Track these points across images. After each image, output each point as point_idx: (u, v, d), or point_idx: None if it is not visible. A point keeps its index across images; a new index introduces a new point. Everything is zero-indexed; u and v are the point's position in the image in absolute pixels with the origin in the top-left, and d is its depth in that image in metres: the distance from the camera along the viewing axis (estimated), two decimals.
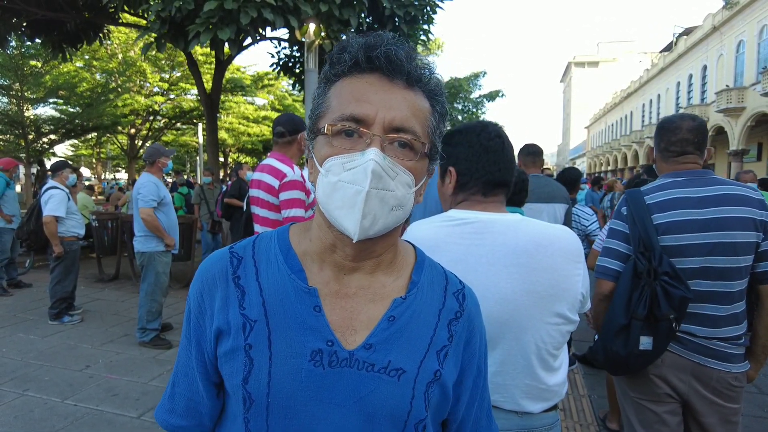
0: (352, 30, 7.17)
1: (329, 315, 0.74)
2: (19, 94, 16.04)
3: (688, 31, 34.34)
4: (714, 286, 1.78)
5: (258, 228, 3.10)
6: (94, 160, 35.81)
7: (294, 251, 0.79)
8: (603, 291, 1.92)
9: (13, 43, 11.19)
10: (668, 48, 39.46)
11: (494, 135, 1.33)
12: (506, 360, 1.23)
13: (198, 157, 20.07)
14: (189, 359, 0.81)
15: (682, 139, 1.89)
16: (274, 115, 23.71)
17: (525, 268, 1.20)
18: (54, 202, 5.23)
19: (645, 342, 1.76)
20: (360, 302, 0.77)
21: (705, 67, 30.53)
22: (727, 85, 25.94)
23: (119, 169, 38.65)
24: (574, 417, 3.51)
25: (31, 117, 17.57)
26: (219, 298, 0.77)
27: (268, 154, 3.25)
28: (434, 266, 0.87)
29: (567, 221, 3.50)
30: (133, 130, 22.81)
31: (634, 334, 1.77)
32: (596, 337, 2.05)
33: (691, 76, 32.95)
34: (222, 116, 23.39)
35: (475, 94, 26.67)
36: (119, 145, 25.40)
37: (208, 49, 7.11)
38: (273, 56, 11.13)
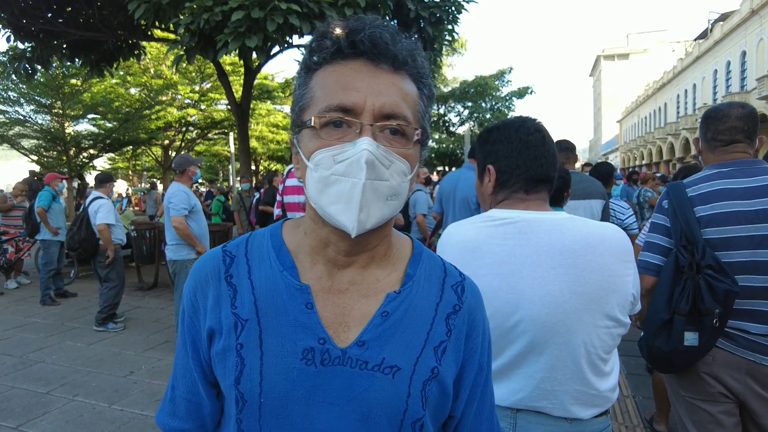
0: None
1: (321, 312, 0.72)
2: (61, 112, 16.76)
3: (724, 17, 33.06)
4: (767, 281, 1.68)
5: None
6: (130, 172, 37.06)
7: (286, 247, 0.77)
8: (645, 286, 1.87)
9: (55, 64, 11.69)
10: (703, 35, 38.07)
11: (534, 129, 1.28)
12: (555, 365, 1.19)
13: (230, 166, 20.51)
14: (186, 360, 0.79)
15: (731, 127, 1.80)
16: None
17: (573, 269, 1.15)
18: (104, 211, 5.50)
19: (690, 338, 1.70)
20: (353, 298, 0.74)
21: (744, 53, 29.26)
22: None
23: (154, 179, 39.89)
24: (619, 419, 3.39)
25: (72, 133, 18.32)
26: (211, 297, 0.75)
27: None
28: (432, 258, 0.83)
29: (605, 217, 3.40)
30: (166, 142, 23.48)
31: (677, 329, 1.71)
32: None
33: (729, 63, 31.65)
34: (252, 125, 23.84)
35: (503, 92, 26.34)
36: (153, 156, 26.19)
37: (237, 58, 7.26)
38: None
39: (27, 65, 9.36)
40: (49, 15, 9.01)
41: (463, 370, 0.79)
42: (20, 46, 9.41)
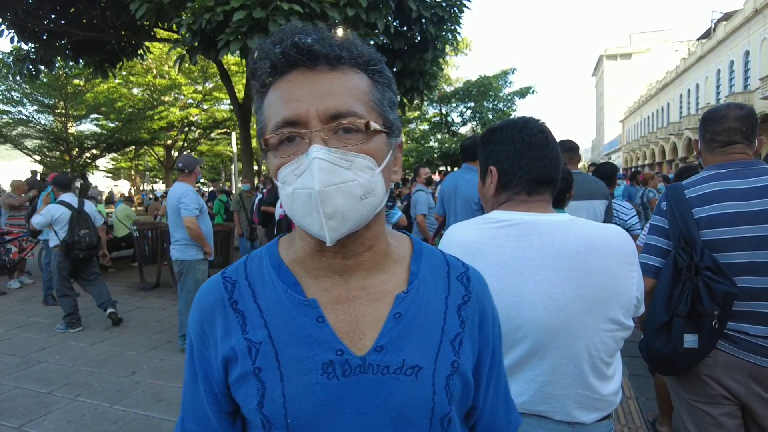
0: (379, 33, 7.17)
1: (334, 323, 0.71)
2: (64, 112, 16.81)
3: (727, 16, 32.94)
4: (767, 282, 1.67)
5: None
6: (132, 172, 37.15)
7: (285, 265, 0.77)
8: (644, 288, 1.86)
9: (58, 64, 11.72)
10: (706, 35, 37.95)
11: (537, 130, 1.26)
12: (557, 369, 1.17)
13: (232, 166, 20.55)
14: (196, 392, 0.79)
15: (729, 128, 1.79)
16: None
17: (576, 271, 1.14)
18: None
19: (690, 340, 1.69)
20: (362, 304, 0.73)
21: (747, 53, 29.15)
22: None
23: (156, 180, 39.95)
24: (622, 420, 3.38)
25: (75, 133, 18.38)
26: (220, 326, 0.75)
27: None
28: (433, 253, 0.83)
29: (608, 218, 3.38)
30: (169, 142, 23.54)
31: (676, 331, 1.70)
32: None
33: (732, 63, 31.52)
34: (254, 125, 23.83)
35: (505, 92, 26.30)
36: (156, 156, 26.25)
37: (239, 58, 7.26)
38: None
39: (31, 66, 9.38)
40: (53, 16, 9.03)
41: (480, 359, 0.80)
42: (24, 47, 9.43)
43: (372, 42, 6.97)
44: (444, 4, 8.18)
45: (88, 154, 19.20)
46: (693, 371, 1.81)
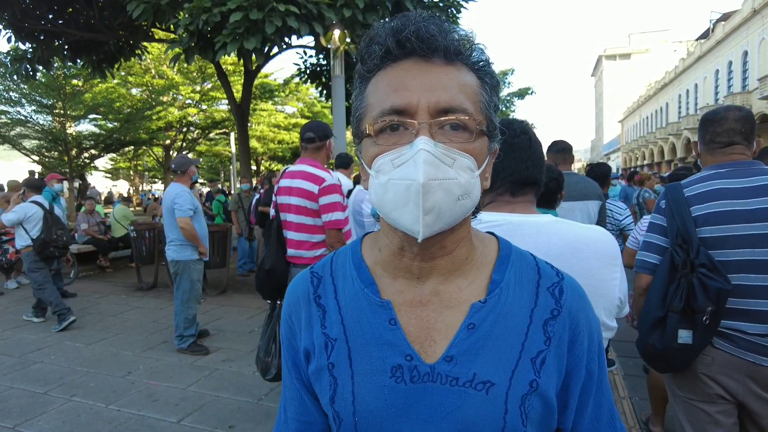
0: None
1: (406, 327, 0.70)
2: (62, 112, 16.77)
3: (726, 17, 32.99)
4: (764, 279, 1.69)
5: (293, 235, 3.14)
6: (131, 173, 37.12)
7: (365, 264, 0.76)
8: (642, 285, 1.91)
9: (56, 65, 11.71)
10: (705, 35, 37.99)
11: (520, 131, 1.27)
12: None
13: (231, 166, 20.54)
14: (292, 380, 0.81)
15: (728, 129, 1.83)
16: (304, 122, 23.93)
17: None
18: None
19: (684, 335, 1.72)
20: (435, 310, 0.71)
21: (746, 53, 29.19)
22: None
23: (155, 180, 39.94)
24: None
25: (73, 134, 18.33)
26: (304, 318, 0.77)
27: (297, 160, 3.29)
28: (523, 259, 0.77)
29: (601, 218, 3.39)
30: (168, 142, 23.51)
31: (670, 327, 1.73)
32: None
33: (730, 63, 31.57)
34: (253, 125, 23.85)
35: (503, 93, 26.37)
36: (155, 156, 26.21)
37: (236, 58, 7.27)
38: (299, 66, 11.31)
39: (28, 66, 9.39)
40: (50, 16, 9.05)
41: (569, 379, 0.72)
42: (21, 47, 9.44)
43: None
44: (441, 5, 8.20)
45: (86, 155, 19.13)
46: (690, 370, 1.84)
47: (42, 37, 9.24)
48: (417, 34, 0.64)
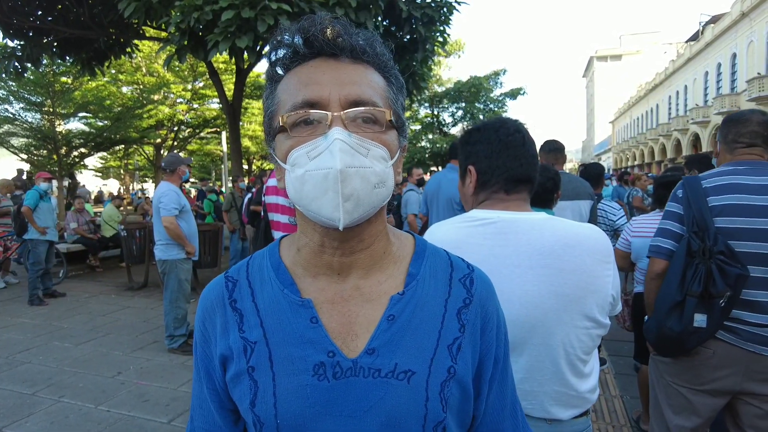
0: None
1: (328, 324, 0.71)
2: (51, 110, 16.57)
3: (715, 19, 33.37)
4: (766, 272, 1.77)
5: (280, 234, 3.12)
6: (122, 171, 36.79)
7: (284, 265, 0.76)
8: (656, 270, 1.97)
9: (45, 62, 11.56)
10: (694, 37, 38.41)
11: (513, 130, 1.28)
12: (534, 366, 1.19)
13: (223, 166, 20.42)
14: (201, 390, 0.79)
15: (752, 131, 1.93)
16: None
17: (552, 269, 1.15)
18: None
19: (699, 319, 1.79)
20: (357, 304, 0.72)
21: (734, 55, 29.55)
22: (758, 73, 25.05)
23: (146, 179, 39.62)
24: (607, 418, 3.41)
25: (63, 132, 18.12)
26: (219, 324, 0.75)
27: None
28: (437, 254, 0.80)
29: (592, 218, 3.41)
30: (158, 140, 23.32)
31: (688, 310, 1.80)
32: (646, 318, 2.09)
33: (719, 65, 31.94)
34: (245, 124, 23.73)
35: (496, 93, 26.48)
36: (146, 155, 26.00)
37: (228, 57, 7.23)
38: None
39: (17, 63, 9.25)
40: (39, 13, 8.92)
41: (481, 366, 0.76)
42: (10, 44, 9.31)
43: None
44: (434, 5, 8.21)
45: (76, 153, 18.91)
46: (689, 360, 1.91)
47: (31, 34, 9.11)
48: (323, 33, 0.67)
